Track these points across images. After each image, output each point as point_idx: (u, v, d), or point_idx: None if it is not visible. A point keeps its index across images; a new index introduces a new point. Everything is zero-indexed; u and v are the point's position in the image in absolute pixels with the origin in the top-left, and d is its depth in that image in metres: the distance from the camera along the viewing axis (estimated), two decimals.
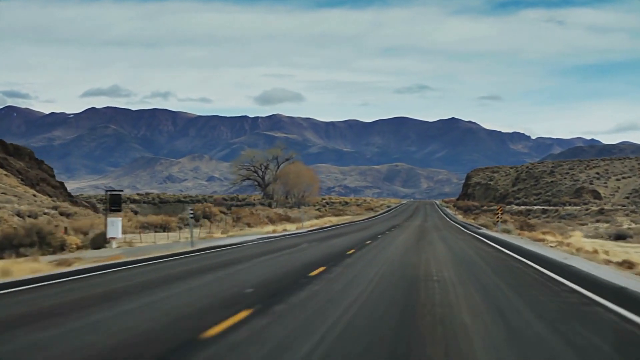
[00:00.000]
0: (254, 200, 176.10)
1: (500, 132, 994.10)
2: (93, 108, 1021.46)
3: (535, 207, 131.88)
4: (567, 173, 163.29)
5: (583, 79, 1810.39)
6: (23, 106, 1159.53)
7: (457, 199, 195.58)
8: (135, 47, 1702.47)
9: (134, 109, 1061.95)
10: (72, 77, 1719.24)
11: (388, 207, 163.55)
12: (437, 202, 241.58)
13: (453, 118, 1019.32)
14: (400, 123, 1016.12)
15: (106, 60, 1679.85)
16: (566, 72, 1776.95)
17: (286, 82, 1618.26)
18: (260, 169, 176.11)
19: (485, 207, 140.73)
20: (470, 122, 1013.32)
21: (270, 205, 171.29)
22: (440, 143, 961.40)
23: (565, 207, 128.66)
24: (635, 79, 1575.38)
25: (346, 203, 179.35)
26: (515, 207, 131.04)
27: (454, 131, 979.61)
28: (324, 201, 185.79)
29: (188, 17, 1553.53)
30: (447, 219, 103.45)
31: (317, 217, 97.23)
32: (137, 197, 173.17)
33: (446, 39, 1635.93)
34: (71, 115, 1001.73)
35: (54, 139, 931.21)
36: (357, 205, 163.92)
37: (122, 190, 63.91)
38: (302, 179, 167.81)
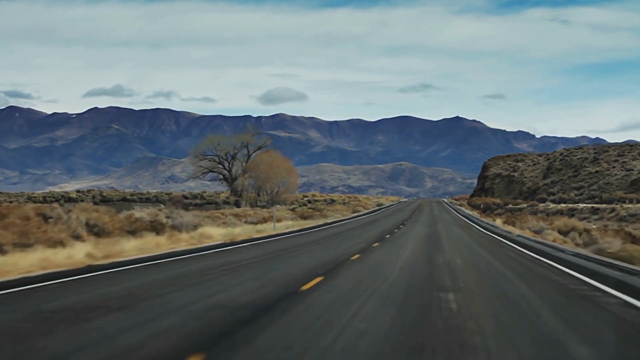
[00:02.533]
0: (222, 198, 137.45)
1: (504, 130, 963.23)
2: (96, 108, 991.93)
3: (582, 206, 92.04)
4: (616, 161, 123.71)
5: (587, 78, 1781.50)
6: (25, 106, 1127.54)
7: (471, 196, 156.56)
8: (139, 47, 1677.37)
9: (136, 108, 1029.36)
10: (76, 77, 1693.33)
11: (379, 206, 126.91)
12: (446, 200, 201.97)
13: (457, 117, 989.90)
14: (404, 122, 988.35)
15: (110, 60, 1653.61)
16: (570, 70, 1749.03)
17: (290, 82, 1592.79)
18: (227, 160, 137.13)
19: (510, 205, 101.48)
20: (474, 120, 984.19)
21: (237, 205, 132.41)
22: (445, 142, 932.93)
23: (626, 205, 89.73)
24: (638, 77, 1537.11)
25: (332, 201, 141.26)
26: (552, 206, 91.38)
27: (458, 130, 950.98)
28: (306, 199, 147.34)
29: (192, 17, 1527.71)
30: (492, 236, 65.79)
31: (261, 221, 58.63)
32: (74, 196, 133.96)
33: (450, 38, 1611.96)
34: (74, 116, 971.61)
35: (56, 139, 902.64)
36: (343, 204, 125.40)
37: None
38: (277, 172, 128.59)
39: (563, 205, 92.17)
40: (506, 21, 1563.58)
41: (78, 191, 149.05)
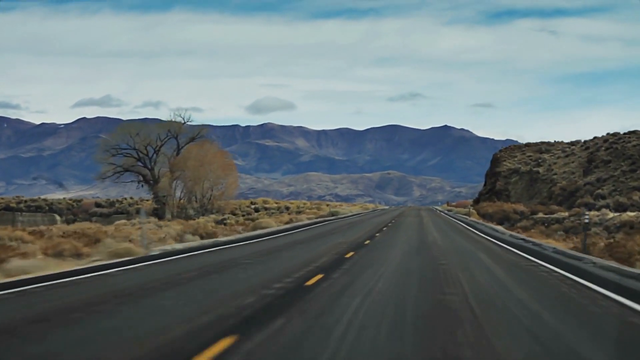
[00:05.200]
0: (139, 206, 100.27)
1: (492, 139, 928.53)
2: (84, 118, 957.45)
3: None
4: None
5: (576, 87, 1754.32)
6: (14, 117, 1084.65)
7: (477, 201, 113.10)
8: (130, 58, 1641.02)
9: (124, 118, 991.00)
10: (65, 88, 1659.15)
11: (333, 215, 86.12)
12: (439, 208, 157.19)
13: (446, 125, 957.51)
14: (392, 131, 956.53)
15: (100, 71, 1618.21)
16: (559, 80, 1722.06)
17: (279, 92, 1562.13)
18: (148, 155, 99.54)
19: (541, 215, 64.00)
20: (463, 129, 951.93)
21: (160, 215, 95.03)
22: (433, 151, 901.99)
23: None
24: (628, 87, 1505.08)
25: (287, 208, 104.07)
26: (610, 215, 53.54)
27: (447, 139, 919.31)
28: (254, 206, 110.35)
29: (184, 28, 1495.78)
30: None
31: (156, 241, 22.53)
32: None
33: (440, 48, 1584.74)
34: (62, 126, 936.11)
35: (44, 149, 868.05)
36: (297, 213, 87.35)
37: None
38: (209, 170, 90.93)
39: (631, 214, 54.24)
40: (495, 32, 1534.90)
41: None
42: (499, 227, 54.89)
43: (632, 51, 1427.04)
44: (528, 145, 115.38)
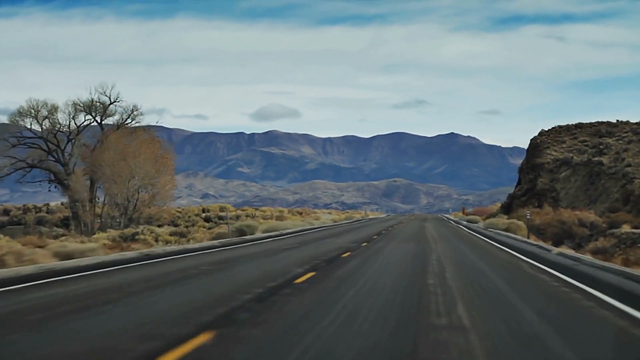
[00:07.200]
0: (42, 215, 72.41)
1: (500, 147, 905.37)
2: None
3: None
4: None
5: (583, 94, 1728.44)
6: None
7: (507, 206, 78.72)
8: (134, 65, 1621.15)
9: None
10: (69, 95, 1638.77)
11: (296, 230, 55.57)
12: (451, 217, 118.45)
13: (452, 133, 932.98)
14: (398, 138, 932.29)
15: (105, 78, 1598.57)
16: (566, 87, 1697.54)
17: (284, 99, 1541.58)
18: (59, 147, 71.55)
19: (626, 228, 35.87)
20: (469, 136, 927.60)
21: (76, 225, 67.76)
22: (439, 158, 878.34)
23: None
24: (635, 93, 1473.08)
25: (254, 216, 75.46)
26: None
27: (453, 146, 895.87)
28: (205, 214, 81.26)
29: (188, 35, 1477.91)
30: None
31: None
32: None
33: (446, 55, 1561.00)
34: None
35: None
36: (255, 217, 58.77)
37: None
38: (136, 165, 62.70)
39: None
40: (502, 38, 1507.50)
41: None
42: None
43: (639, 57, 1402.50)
44: (580, 126, 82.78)
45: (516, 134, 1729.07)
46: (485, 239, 45.03)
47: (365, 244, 37.20)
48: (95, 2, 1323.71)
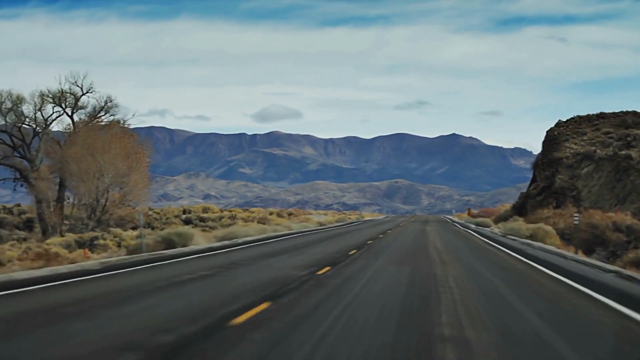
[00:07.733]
0: (11, 216, 65.93)
1: (501, 147, 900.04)
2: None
3: None
4: None
5: (585, 95, 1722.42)
6: None
7: (521, 206, 66.22)
8: (137, 66, 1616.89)
9: (130, 126, 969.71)
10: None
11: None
12: (455, 218, 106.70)
13: (454, 134, 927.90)
14: (400, 139, 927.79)
15: (107, 79, 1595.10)
16: (568, 88, 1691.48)
17: (286, 100, 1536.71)
18: (24, 142, 65.28)
19: None
20: (471, 137, 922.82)
21: (43, 230, 61.66)
22: (441, 159, 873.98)
23: None
24: (637, 94, 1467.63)
25: (234, 217, 68.91)
26: None
27: (455, 147, 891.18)
28: (186, 215, 74.69)
29: (191, 36, 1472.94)
30: None
31: None
32: None
33: (448, 56, 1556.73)
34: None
35: None
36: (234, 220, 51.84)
37: None
38: (105, 161, 56.30)
39: None
40: (504, 39, 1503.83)
41: None
42: None
43: None
44: (602, 116, 74.41)
45: (518, 135, 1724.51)
46: (516, 255, 29.28)
47: (326, 269, 21.94)
48: (98, 4, 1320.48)
